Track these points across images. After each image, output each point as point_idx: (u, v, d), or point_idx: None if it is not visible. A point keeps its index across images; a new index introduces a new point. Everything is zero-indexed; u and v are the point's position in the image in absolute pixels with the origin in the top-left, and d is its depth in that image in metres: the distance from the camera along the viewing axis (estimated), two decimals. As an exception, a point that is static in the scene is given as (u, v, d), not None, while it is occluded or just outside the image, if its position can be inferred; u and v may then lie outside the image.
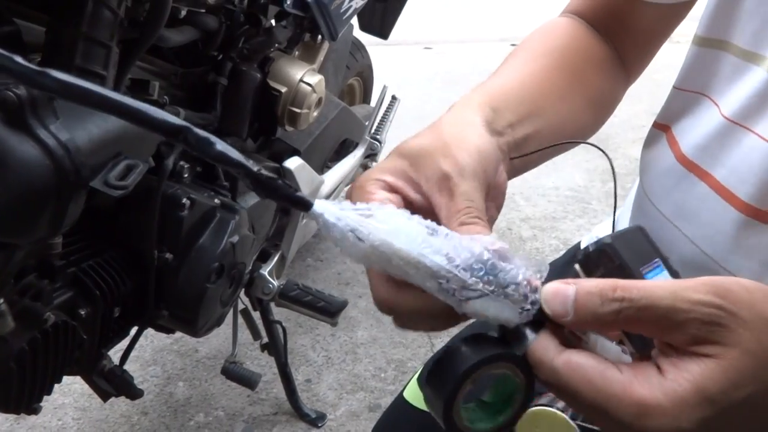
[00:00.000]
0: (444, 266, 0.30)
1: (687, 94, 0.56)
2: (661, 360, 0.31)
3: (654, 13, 0.57)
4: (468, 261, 0.31)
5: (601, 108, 0.59)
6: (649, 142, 0.61)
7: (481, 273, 0.31)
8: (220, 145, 0.29)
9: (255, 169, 0.29)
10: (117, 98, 0.28)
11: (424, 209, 0.38)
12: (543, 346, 0.32)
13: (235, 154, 0.29)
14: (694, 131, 0.53)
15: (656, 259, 0.34)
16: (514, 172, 0.45)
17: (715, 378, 0.29)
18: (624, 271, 0.33)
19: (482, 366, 0.31)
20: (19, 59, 0.28)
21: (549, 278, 0.33)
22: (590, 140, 0.55)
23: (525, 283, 0.31)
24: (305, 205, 0.31)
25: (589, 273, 0.34)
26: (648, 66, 0.63)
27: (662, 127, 0.59)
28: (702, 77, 0.54)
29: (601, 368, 0.30)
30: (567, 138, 0.53)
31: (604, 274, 0.33)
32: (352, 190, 0.38)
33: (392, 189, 0.38)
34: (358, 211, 0.31)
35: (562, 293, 0.31)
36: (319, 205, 0.31)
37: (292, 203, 0.31)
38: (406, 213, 0.32)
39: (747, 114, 0.48)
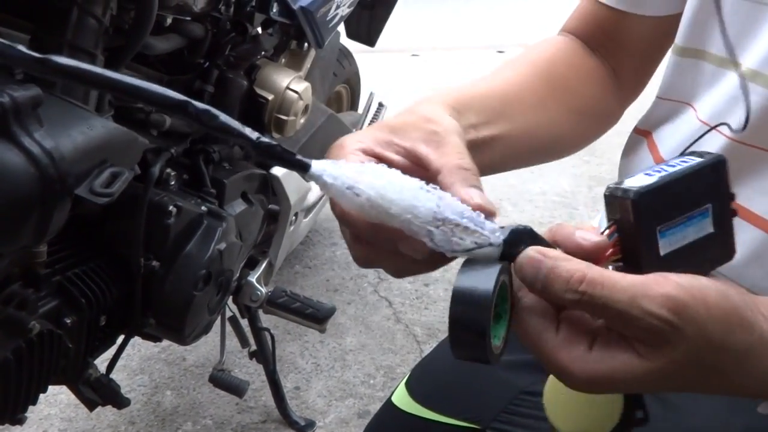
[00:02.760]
0: (435, 213, 0.33)
1: (669, 103, 0.57)
2: (600, 333, 0.34)
3: (646, 27, 0.58)
4: (455, 209, 0.33)
5: (591, 118, 0.60)
6: (629, 149, 0.62)
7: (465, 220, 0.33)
8: (223, 117, 0.32)
9: (254, 137, 0.32)
10: (119, 78, 0.31)
11: (407, 170, 0.38)
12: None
13: (236, 124, 0.32)
14: (673, 136, 0.54)
15: (704, 206, 0.35)
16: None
17: (633, 372, 0.32)
18: (635, 232, 0.34)
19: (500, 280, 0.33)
20: (20, 47, 0.30)
21: None
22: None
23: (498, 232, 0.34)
24: (304, 167, 0.33)
25: (610, 212, 0.35)
26: (649, 80, 0.63)
27: (643, 132, 0.60)
28: (682, 86, 0.55)
29: (540, 329, 0.34)
30: (543, 145, 0.54)
31: (618, 222, 0.35)
32: (330, 150, 0.40)
33: (370, 153, 0.39)
34: (353, 169, 0.34)
35: (537, 264, 0.33)
36: (317, 166, 0.33)
37: (292, 165, 0.33)
38: (396, 171, 0.34)
39: (720, 116, 0.49)
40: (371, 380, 1.49)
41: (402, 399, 0.65)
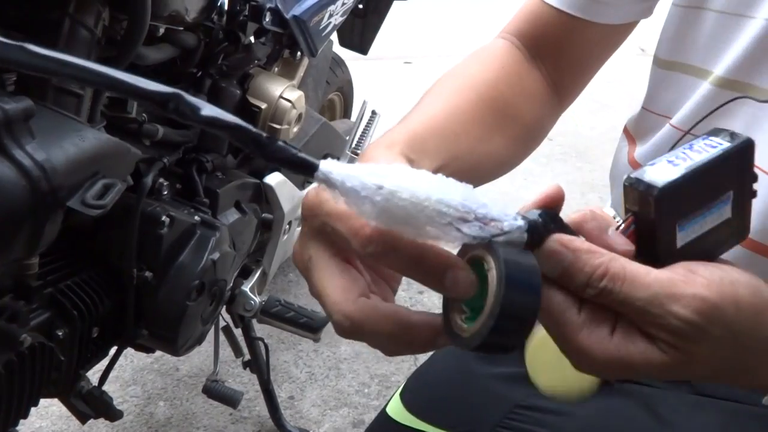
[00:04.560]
0: (464, 207, 0.30)
1: (650, 115, 0.58)
2: (621, 321, 0.33)
3: (596, 35, 0.57)
4: (476, 203, 0.30)
5: (528, 141, 0.59)
6: (618, 150, 0.63)
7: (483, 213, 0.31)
8: (208, 110, 0.28)
9: (254, 130, 0.28)
10: (105, 71, 0.27)
11: None
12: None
13: (229, 117, 0.28)
14: (650, 145, 0.55)
15: (726, 194, 0.33)
16: None
17: (652, 363, 0.32)
18: (654, 227, 0.33)
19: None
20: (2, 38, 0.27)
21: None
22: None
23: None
24: (310, 167, 0.29)
25: (628, 202, 0.34)
26: (584, 89, 0.63)
27: (628, 135, 0.61)
28: (663, 98, 0.56)
29: (563, 307, 0.32)
30: (486, 174, 0.54)
31: (636, 214, 0.33)
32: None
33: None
34: (369, 168, 0.30)
35: (560, 255, 0.32)
36: (326, 165, 0.29)
37: (295, 167, 0.29)
38: (411, 168, 0.31)
39: (692, 122, 0.50)
40: (366, 389, 1.49)
41: (396, 410, 0.64)
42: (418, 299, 1.79)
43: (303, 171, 0.29)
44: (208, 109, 0.27)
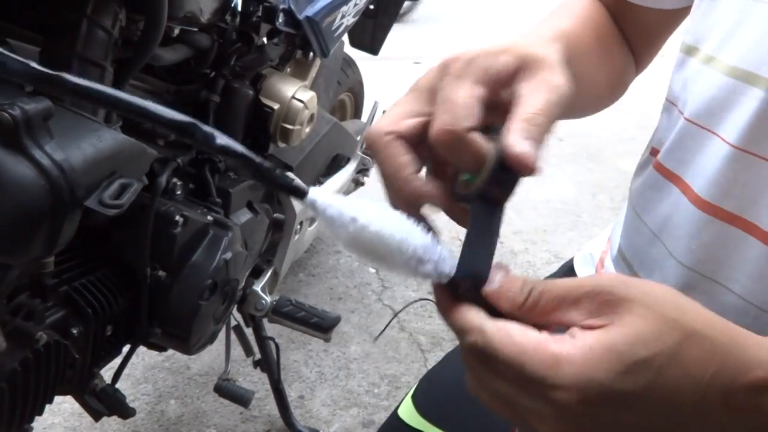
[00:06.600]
0: (423, 249, 0.35)
1: (668, 105, 0.57)
2: (572, 330, 0.33)
3: (648, 19, 0.60)
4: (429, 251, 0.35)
5: (615, 85, 0.62)
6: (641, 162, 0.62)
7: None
8: (222, 139, 0.34)
9: (257, 160, 0.34)
10: (128, 99, 0.33)
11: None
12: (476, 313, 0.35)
13: (239, 146, 0.34)
14: (668, 139, 0.54)
15: None
16: None
17: (619, 335, 0.31)
18: None
19: None
20: (33, 63, 0.32)
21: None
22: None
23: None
24: (301, 193, 0.35)
25: None
26: (651, 63, 0.66)
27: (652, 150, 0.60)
28: (675, 88, 0.55)
29: (522, 328, 0.33)
30: (583, 106, 0.56)
31: None
32: (371, 143, 0.38)
33: (413, 138, 0.38)
34: (348, 201, 0.35)
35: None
36: (313, 193, 0.35)
37: (289, 192, 0.35)
38: (391, 209, 0.36)
39: (707, 115, 0.49)
40: (375, 389, 1.49)
41: (408, 413, 0.64)
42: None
43: (296, 195, 0.35)
44: (221, 139, 0.34)
